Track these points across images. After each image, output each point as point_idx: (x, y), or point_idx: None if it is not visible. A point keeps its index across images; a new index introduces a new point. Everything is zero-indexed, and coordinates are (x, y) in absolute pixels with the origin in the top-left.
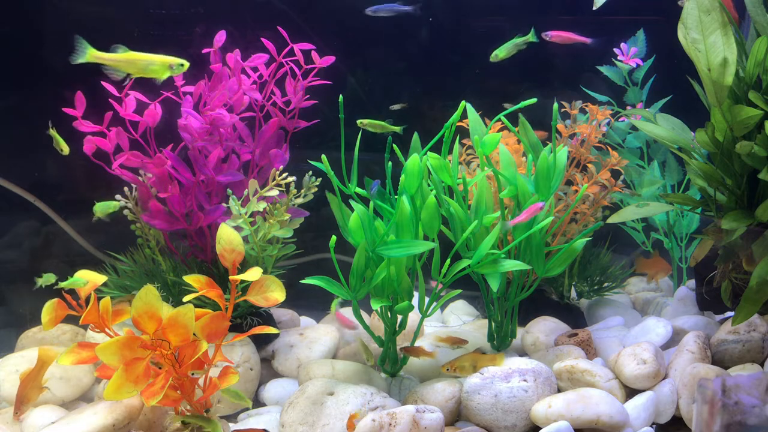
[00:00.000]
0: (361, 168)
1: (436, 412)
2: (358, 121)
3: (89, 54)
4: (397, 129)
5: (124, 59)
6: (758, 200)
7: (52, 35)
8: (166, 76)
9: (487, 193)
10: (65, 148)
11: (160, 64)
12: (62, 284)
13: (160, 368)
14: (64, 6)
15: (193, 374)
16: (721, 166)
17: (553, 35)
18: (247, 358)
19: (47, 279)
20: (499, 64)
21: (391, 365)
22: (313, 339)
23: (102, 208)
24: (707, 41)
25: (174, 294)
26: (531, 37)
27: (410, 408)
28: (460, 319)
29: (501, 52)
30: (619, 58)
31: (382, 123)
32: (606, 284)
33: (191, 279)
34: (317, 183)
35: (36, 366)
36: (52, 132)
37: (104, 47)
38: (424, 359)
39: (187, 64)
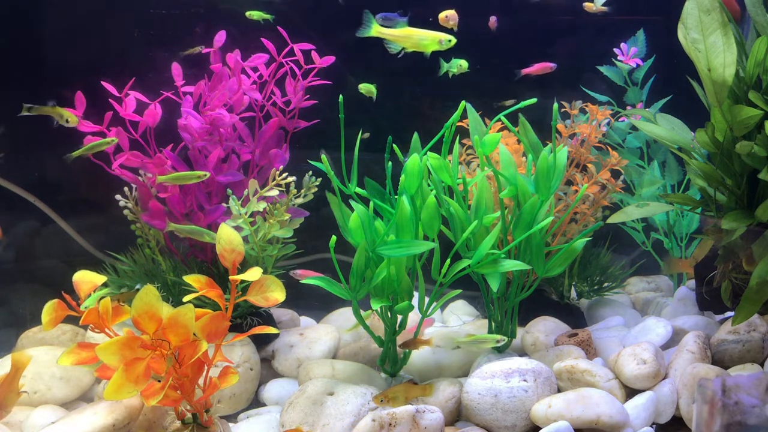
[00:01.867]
0: (361, 168)
1: (436, 412)
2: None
3: (374, 29)
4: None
5: (402, 34)
6: (758, 200)
7: (52, 35)
8: (433, 50)
9: (487, 193)
10: (72, 118)
11: (431, 40)
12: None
13: (159, 381)
14: (63, 5)
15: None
16: (721, 166)
17: (526, 72)
18: (247, 358)
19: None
20: (498, 64)
21: (391, 365)
22: (313, 339)
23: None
24: (707, 41)
25: (174, 294)
26: (464, 67)
27: (410, 408)
28: (460, 319)
29: (452, 68)
30: (619, 58)
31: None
32: (606, 284)
33: (191, 279)
34: (317, 183)
35: (10, 372)
36: (51, 109)
37: (104, 48)
38: (422, 348)
39: (454, 40)
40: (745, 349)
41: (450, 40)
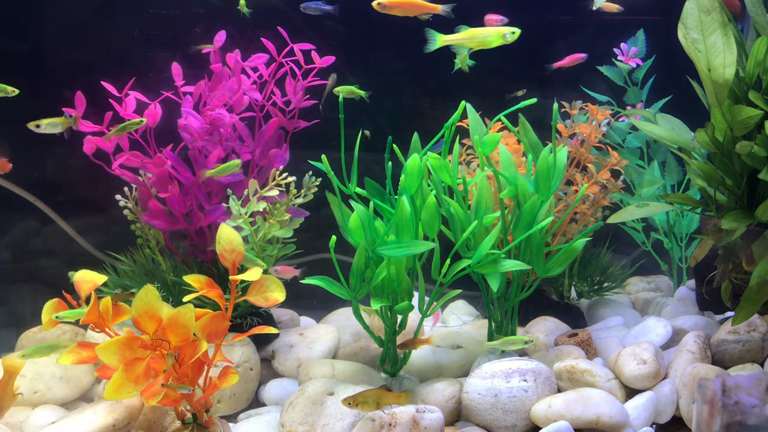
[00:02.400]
0: (361, 168)
1: (436, 412)
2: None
3: (439, 40)
4: (363, 93)
5: (467, 36)
6: (758, 200)
7: (52, 35)
8: (498, 44)
9: (487, 193)
10: (11, 90)
11: (495, 35)
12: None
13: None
14: (63, 5)
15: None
16: (721, 166)
17: (558, 65)
18: (247, 358)
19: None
20: (499, 64)
21: (391, 365)
22: (313, 339)
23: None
24: (707, 41)
25: (174, 294)
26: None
27: (410, 408)
28: (460, 319)
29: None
30: (619, 58)
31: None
32: (606, 284)
33: (191, 279)
34: (317, 183)
35: (4, 376)
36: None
37: (104, 48)
38: (420, 348)
39: (518, 31)
40: (745, 349)
41: (513, 33)
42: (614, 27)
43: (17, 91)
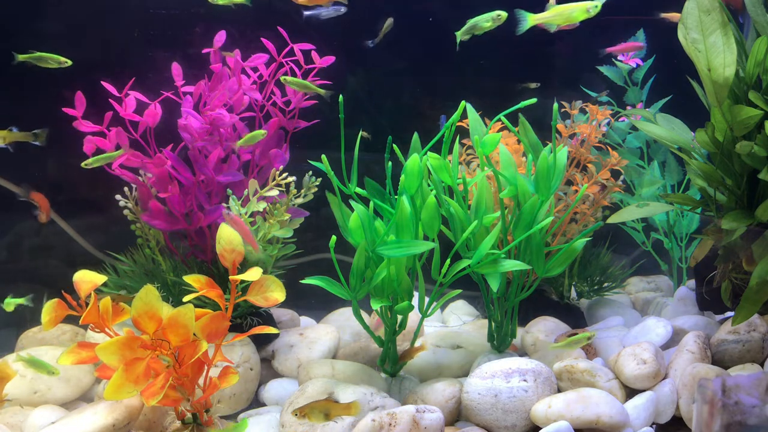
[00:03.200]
0: (361, 168)
1: (436, 412)
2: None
3: (530, 20)
4: (321, 91)
5: (555, 14)
6: (758, 200)
7: (52, 34)
8: (583, 18)
9: (487, 193)
10: (65, 60)
11: (580, 10)
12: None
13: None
14: (63, 5)
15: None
16: (721, 166)
17: (610, 50)
18: (247, 358)
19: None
20: (499, 64)
21: (391, 365)
22: (313, 339)
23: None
24: (707, 41)
25: (174, 294)
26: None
27: (410, 408)
28: (460, 319)
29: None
30: (619, 58)
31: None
32: (606, 284)
33: (191, 279)
34: (317, 183)
35: None
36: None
37: (104, 48)
38: (417, 356)
39: (600, 4)
40: (745, 349)
41: (596, 6)
42: (614, 27)
43: (69, 62)
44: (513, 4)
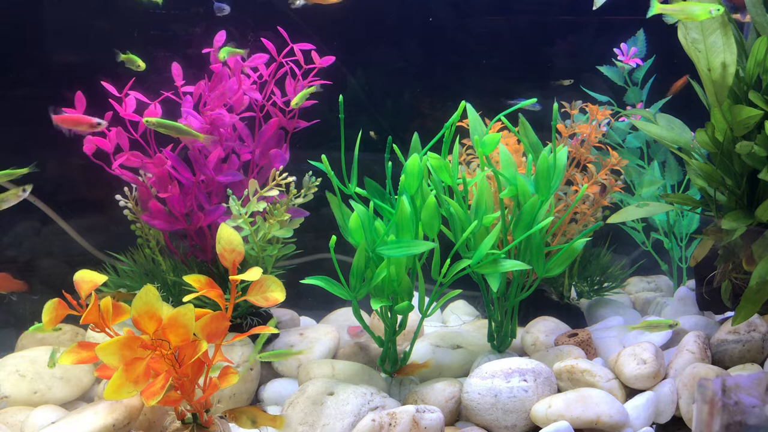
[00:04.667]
0: (361, 168)
1: (436, 412)
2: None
3: (655, 7)
4: (142, 64)
5: (678, 8)
6: (758, 200)
7: (52, 35)
8: (704, 18)
9: (487, 193)
10: (142, 64)
11: (702, 11)
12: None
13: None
14: (63, 5)
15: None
16: (721, 166)
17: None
18: (247, 358)
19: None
20: (499, 64)
21: (391, 365)
22: (313, 339)
23: None
24: (707, 41)
25: (174, 294)
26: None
27: (410, 408)
28: (460, 319)
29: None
30: (619, 58)
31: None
32: (606, 284)
33: (191, 279)
34: (317, 183)
35: None
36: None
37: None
38: (419, 372)
39: (723, 8)
40: (745, 349)
41: (718, 9)
42: (614, 27)
43: (143, 66)
44: (513, 4)
